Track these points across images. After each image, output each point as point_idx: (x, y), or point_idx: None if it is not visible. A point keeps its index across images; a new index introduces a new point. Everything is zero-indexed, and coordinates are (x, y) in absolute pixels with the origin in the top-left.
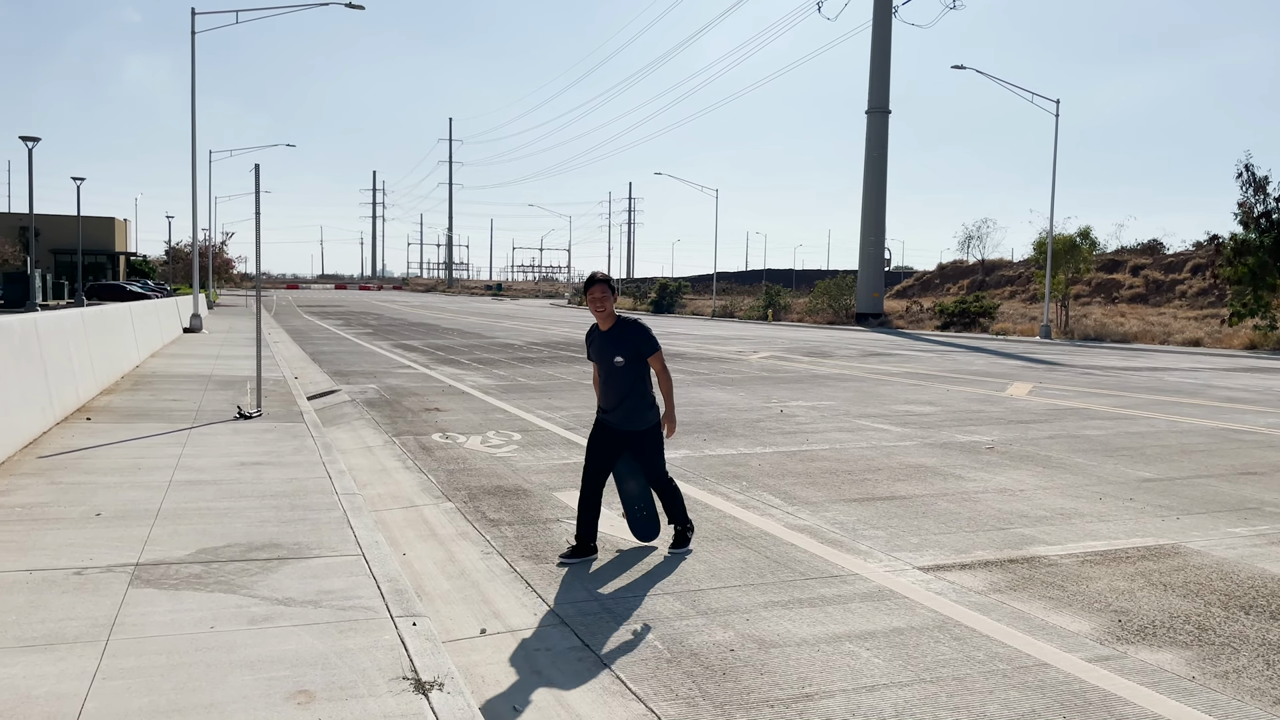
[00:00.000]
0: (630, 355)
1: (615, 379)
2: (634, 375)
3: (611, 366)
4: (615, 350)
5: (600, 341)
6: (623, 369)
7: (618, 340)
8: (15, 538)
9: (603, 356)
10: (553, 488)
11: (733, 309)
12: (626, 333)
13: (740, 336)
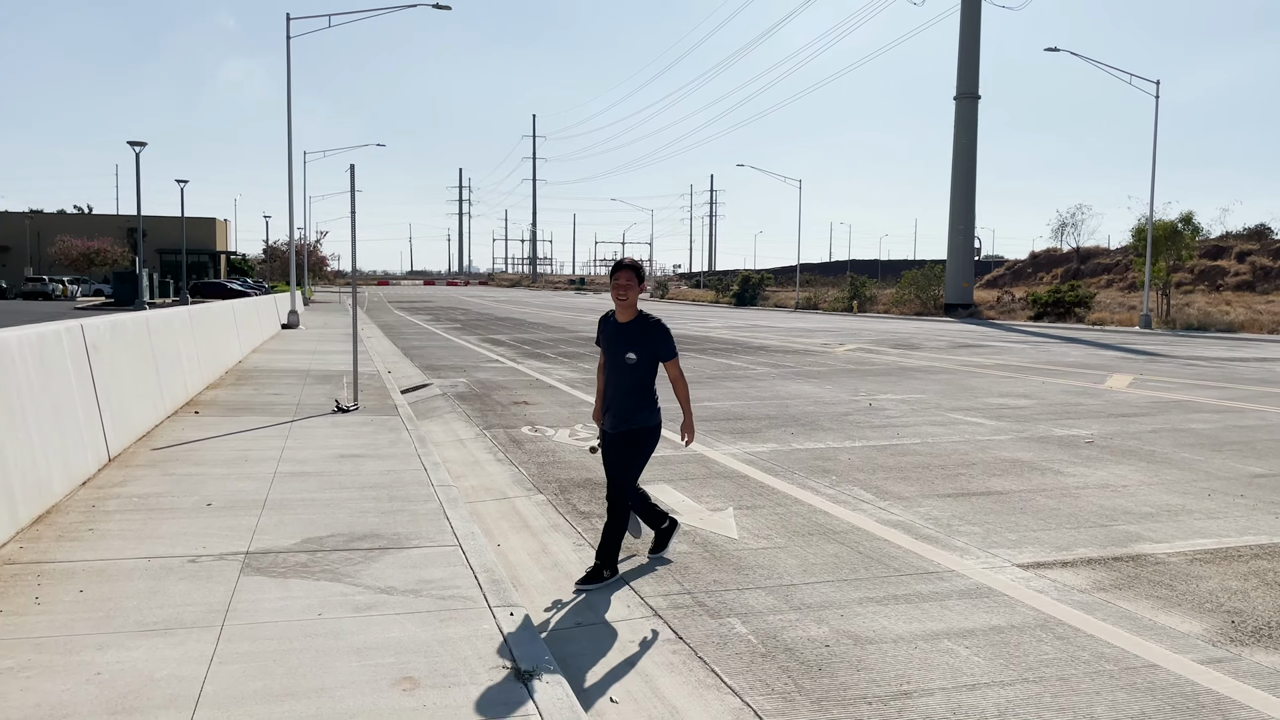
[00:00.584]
0: (645, 356)
1: (621, 375)
2: (642, 374)
3: (621, 362)
4: (629, 346)
5: (614, 333)
6: (632, 367)
7: (634, 336)
8: (134, 526)
9: (613, 349)
10: (641, 480)
11: (816, 301)
12: (646, 331)
13: (825, 329)
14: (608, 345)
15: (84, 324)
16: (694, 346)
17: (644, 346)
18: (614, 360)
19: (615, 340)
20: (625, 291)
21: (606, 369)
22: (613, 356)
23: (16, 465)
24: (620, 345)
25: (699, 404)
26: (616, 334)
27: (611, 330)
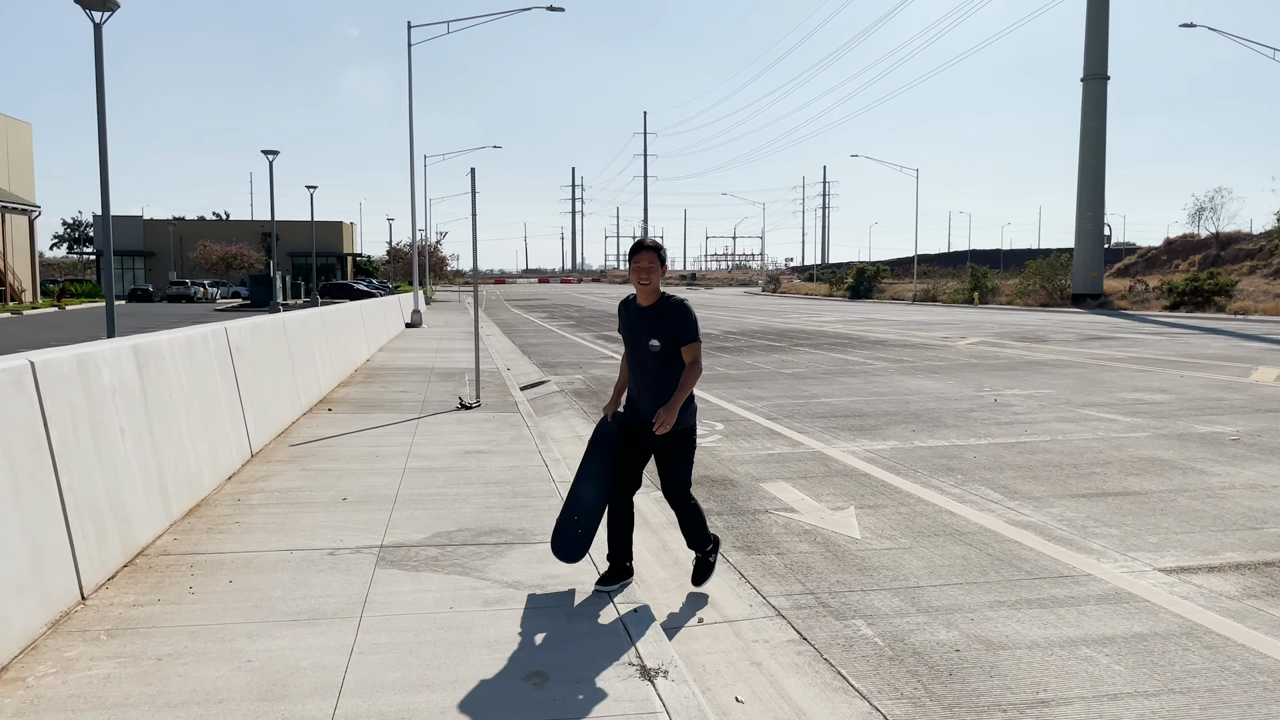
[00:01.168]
0: (665, 340)
1: (647, 365)
2: (668, 363)
3: (645, 351)
4: (650, 332)
5: (635, 318)
6: (657, 355)
7: (654, 320)
8: (276, 520)
9: (635, 336)
10: (759, 478)
11: (935, 293)
12: (666, 313)
13: (945, 321)
14: (630, 333)
15: (227, 326)
16: (808, 341)
17: (663, 329)
18: (638, 349)
19: (637, 327)
20: (647, 275)
21: (631, 360)
22: (636, 345)
23: (170, 461)
24: (642, 332)
25: (816, 400)
26: (638, 319)
27: (632, 316)
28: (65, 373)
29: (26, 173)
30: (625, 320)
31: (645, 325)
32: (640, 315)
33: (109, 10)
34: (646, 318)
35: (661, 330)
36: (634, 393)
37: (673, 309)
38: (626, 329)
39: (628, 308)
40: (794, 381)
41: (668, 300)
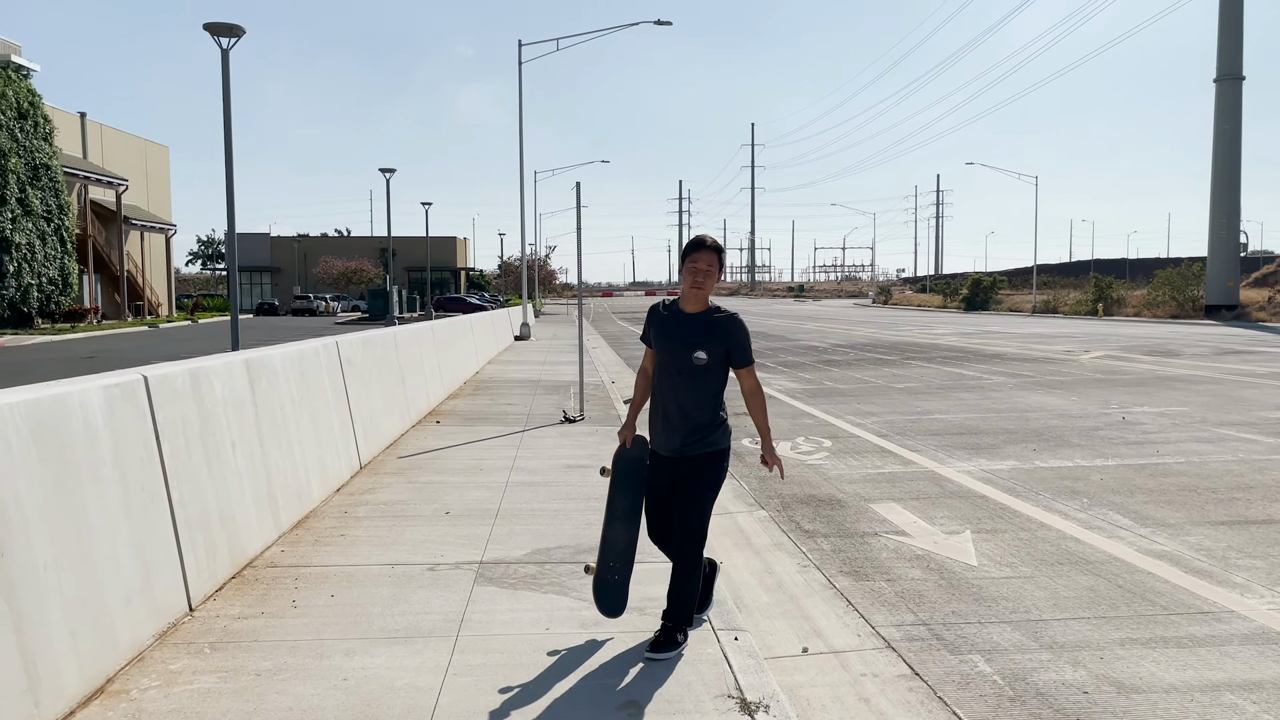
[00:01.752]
0: (717, 356)
1: (685, 381)
2: (713, 382)
3: (687, 364)
4: (699, 343)
5: (677, 326)
6: (699, 371)
7: (703, 331)
8: (380, 533)
9: (674, 347)
10: (868, 499)
11: (1055, 304)
12: (721, 326)
13: (1067, 334)
14: (666, 342)
15: (339, 340)
16: (920, 355)
17: (717, 344)
18: (675, 362)
19: (679, 336)
20: (704, 277)
21: (661, 374)
22: (674, 356)
23: (279, 473)
24: (686, 342)
25: (928, 416)
26: (681, 328)
27: (674, 323)
28: (178, 387)
29: (164, 193)
30: (660, 326)
31: (691, 335)
32: (684, 323)
33: (235, 36)
34: (693, 327)
35: (713, 344)
36: (659, 414)
37: (730, 323)
38: (661, 337)
39: (667, 313)
40: (906, 397)
41: (720, 312)
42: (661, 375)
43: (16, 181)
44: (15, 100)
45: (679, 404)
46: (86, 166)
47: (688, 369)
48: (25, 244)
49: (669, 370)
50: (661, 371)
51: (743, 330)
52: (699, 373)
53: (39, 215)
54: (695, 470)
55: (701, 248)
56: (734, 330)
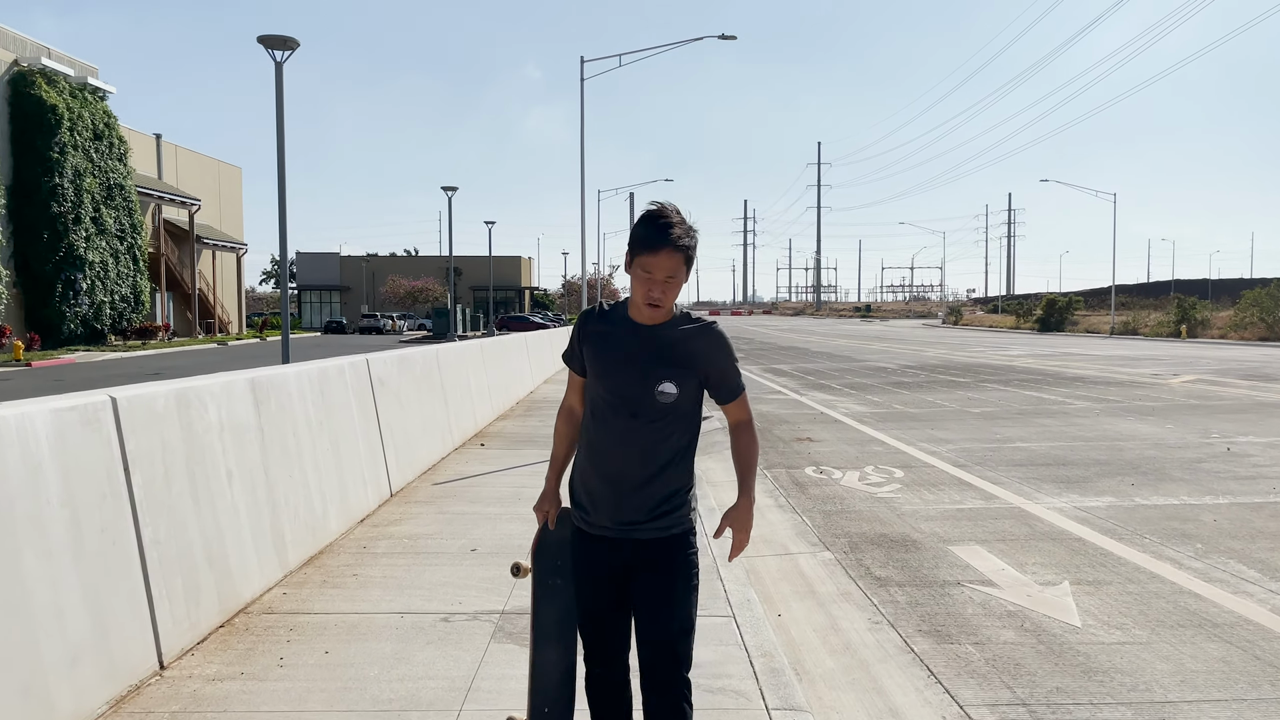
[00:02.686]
0: (688, 385)
1: (642, 427)
2: (683, 428)
3: (645, 401)
4: (664, 369)
5: (626, 344)
6: (668, 411)
7: (667, 351)
8: (397, 573)
9: (624, 376)
10: (947, 539)
11: (1135, 325)
12: (694, 341)
13: (1151, 356)
14: (611, 368)
15: (369, 359)
16: (995, 377)
17: (690, 367)
18: (626, 398)
19: (632, 359)
20: (664, 294)
21: (601, 416)
22: (623, 390)
23: (288, 506)
24: (643, 368)
25: (1009, 445)
26: (634, 346)
27: (622, 339)
28: (158, 410)
29: (236, 213)
30: (600, 345)
31: (650, 357)
32: (636, 341)
33: (289, 49)
34: (653, 346)
35: (683, 369)
36: (596, 475)
37: (705, 333)
38: (602, 361)
39: (604, 320)
40: (983, 422)
41: (696, 323)
42: (602, 418)
43: (91, 201)
44: (91, 121)
45: (633, 462)
46: (161, 187)
47: (646, 409)
48: (99, 262)
49: (615, 411)
50: (602, 412)
51: (725, 345)
52: (664, 414)
53: (112, 234)
54: (660, 560)
55: (663, 245)
56: (714, 347)
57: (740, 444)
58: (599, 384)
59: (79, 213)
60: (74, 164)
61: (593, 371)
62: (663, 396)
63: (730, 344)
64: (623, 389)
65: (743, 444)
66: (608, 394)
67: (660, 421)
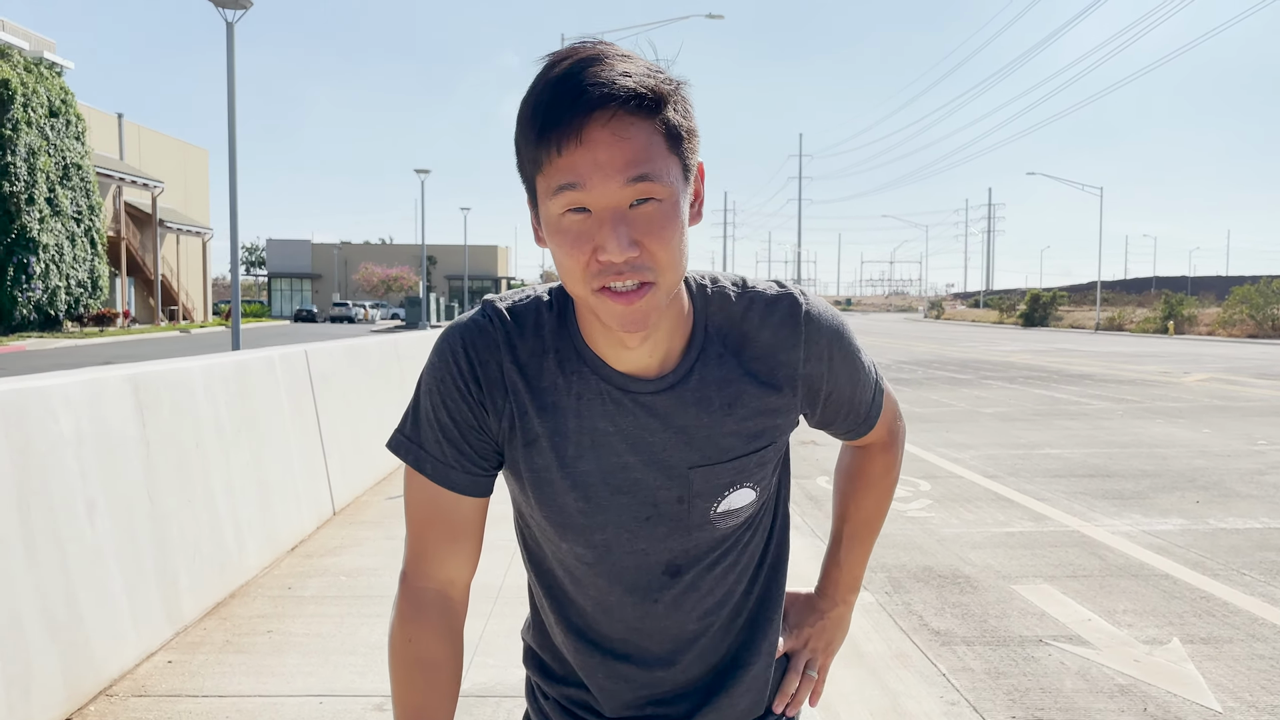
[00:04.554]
0: (777, 455)
1: (683, 588)
2: (760, 532)
3: (696, 539)
4: (721, 464)
5: (619, 432)
6: (735, 532)
7: (731, 413)
8: (326, 628)
9: (633, 510)
10: (1007, 575)
11: (1121, 321)
12: (787, 359)
13: (1150, 353)
14: (592, 497)
15: (309, 349)
16: (996, 373)
17: (774, 431)
18: (643, 552)
19: (645, 457)
20: (631, 243)
21: (579, 579)
22: (635, 541)
23: (185, 541)
24: (670, 472)
25: (1039, 451)
26: (630, 428)
27: (589, 414)
28: None
29: (202, 197)
30: (542, 439)
31: (673, 445)
32: (632, 418)
33: (241, 8)
34: (676, 417)
35: (760, 438)
36: (591, 654)
37: (804, 333)
38: (558, 490)
39: (514, 365)
40: (1000, 424)
41: (757, 304)
42: (594, 591)
43: (45, 181)
44: (47, 98)
45: (670, 638)
46: (122, 168)
47: (695, 557)
48: (54, 245)
49: (622, 581)
50: (590, 583)
51: (846, 341)
52: (728, 546)
53: (68, 216)
54: None
55: (594, 110)
56: (833, 354)
57: (865, 476)
58: (569, 539)
59: (32, 193)
60: (28, 142)
61: (545, 508)
62: (727, 519)
63: (850, 330)
64: (635, 543)
65: (881, 491)
66: (598, 558)
67: (724, 559)
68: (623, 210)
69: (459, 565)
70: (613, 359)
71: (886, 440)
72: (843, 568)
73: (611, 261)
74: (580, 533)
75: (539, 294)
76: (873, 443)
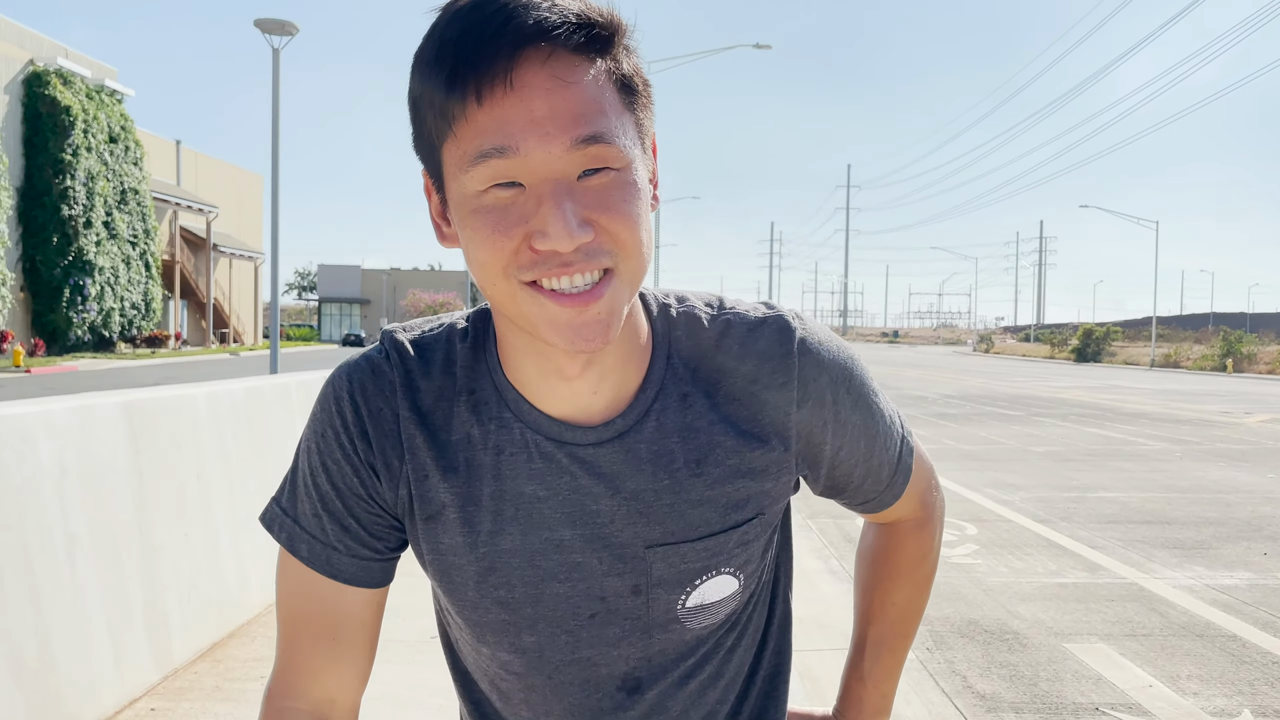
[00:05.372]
0: (767, 522)
1: (649, 703)
2: (746, 621)
3: (660, 646)
4: (690, 544)
5: (554, 501)
6: (715, 633)
7: (674, 456)
8: None
9: (574, 606)
10: (1059, 632)
11: (1177, 358)
12: (775, 415)
13: (1209, 392)
14: (521, 586)
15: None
16: (1047, 410)
17: (762, 500)
18: (589, 662)
19: (585, 532)
20: (576, 218)
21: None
22: (578, 648)
23: (179, 578)
24: (622, 556)
25: (1093, 494)
26: (568, 498)
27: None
28: None
29: (256, 222)
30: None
31: (628, 520)
32: (569, 483)
33: (288, 35)
34: (629, 483)
35: (744, 508)
36: None
37: (798, 377)
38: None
39: (411, 409)
40: (1052, 465)
41: (766, 327)
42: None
43: (103, 205)
44: (107, 124)
45: None
46: (178, 193)
47: (659, 668)
48: (109, 268)
49: (569, 694)
50: (522, 697)
51: (860, 384)
52: (706, 650)
53: (124, 239)
54: None
55: (521, 46)
56: (823, 385)
57: (893, 564)
58: (489, 641)
59: (90, 217)
60: (87, 166)
61: (456, 601)
62: (700, 616)
63: (863, 365)
64: (577, 649)
65: (898, 563)
66: (528, 667)
67: (700, 670)
68: (569, 182)
69: (342, 680)
70: (544, 397)
71: (920, 516)
72: (867, 683)
73: (555, 251)
74: (502, 634)
75: (453, 321)
76: (902, 519)
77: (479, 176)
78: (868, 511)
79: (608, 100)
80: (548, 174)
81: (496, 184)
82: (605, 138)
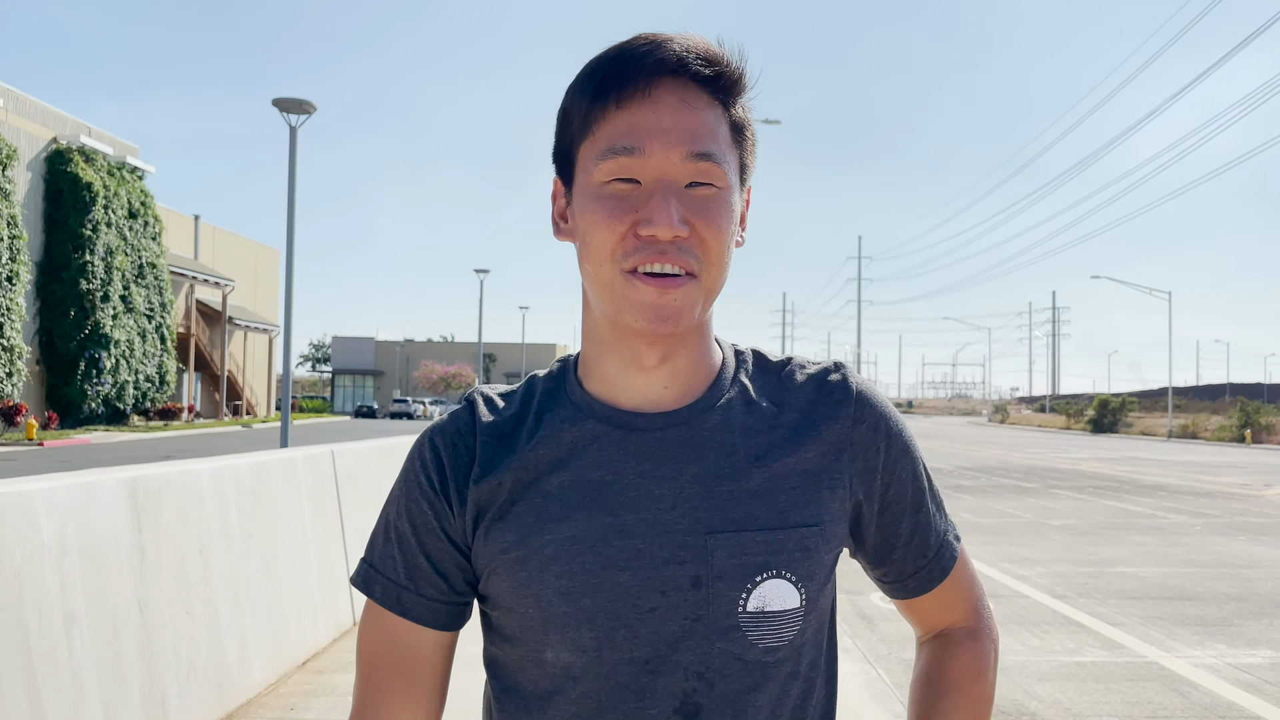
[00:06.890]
0: (829, 555)
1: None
2: (807, 673)
3: (722, 651)
4: (751, 534)
5: (619, 483)
6: (776, 657)
7: (762, 469)
8: None
9: (632, 592)
10: (1078, 713)
11: (1195, 429)
12: (831, 433)
13: (1228, 463)
14: (578, 573)
15: (335, 450)
16: (1064, 482)
17: (826, 515)
18: (643, 663)
19: (647, 518)
20: (683, 222)
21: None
22: (632, 643)
23: (178, 656)
24: (685, 540)
25: (1112, 569)
26: (630, 477)
27: (583, 469)
28: None
29: (271, 295)
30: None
31: (688, 504)
32: (632, 464)
33: (305, 114)
34: (690, 468)
35: (811, 509)
36: None
37: (852, 409)
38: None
39: (493, 436)
40: (1069, 538)
41: (793, 369)
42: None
43: (121, 279)
44: (127, 199)
45: None
46: (195, 267)
47: (720, 681)
48: (125, 340)
49: (609, 703)
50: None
51: (903, 427)
52: (764, 674)
53: (141, 313)
54: None
55: (658, 76)
56: (877, 418)
57: (947, 680)
58: (551, 638)
59: (108, 290)
60: (106, 241)
61: (517, 597)
62: (761, 626)
63: (911, 430)
64: (635, 647)
65: (952, 679)
66: (585, 668)
67: (759, 695)
68: (678, 186)
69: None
70: (620, 391)
71: (972, 625)
72: None
73: (655, 238)
74: (564, 629)
75: (535, 373)
76: (954, 626)
77: (606, 170)
78: (914, 591)
79: (721, 133)
80: (662, 175)
81: (618, 178)
82: (715, 158)
